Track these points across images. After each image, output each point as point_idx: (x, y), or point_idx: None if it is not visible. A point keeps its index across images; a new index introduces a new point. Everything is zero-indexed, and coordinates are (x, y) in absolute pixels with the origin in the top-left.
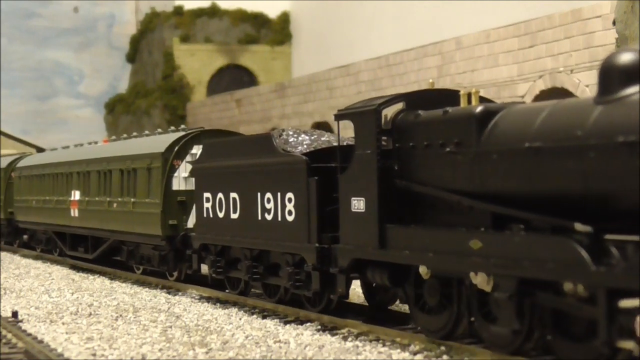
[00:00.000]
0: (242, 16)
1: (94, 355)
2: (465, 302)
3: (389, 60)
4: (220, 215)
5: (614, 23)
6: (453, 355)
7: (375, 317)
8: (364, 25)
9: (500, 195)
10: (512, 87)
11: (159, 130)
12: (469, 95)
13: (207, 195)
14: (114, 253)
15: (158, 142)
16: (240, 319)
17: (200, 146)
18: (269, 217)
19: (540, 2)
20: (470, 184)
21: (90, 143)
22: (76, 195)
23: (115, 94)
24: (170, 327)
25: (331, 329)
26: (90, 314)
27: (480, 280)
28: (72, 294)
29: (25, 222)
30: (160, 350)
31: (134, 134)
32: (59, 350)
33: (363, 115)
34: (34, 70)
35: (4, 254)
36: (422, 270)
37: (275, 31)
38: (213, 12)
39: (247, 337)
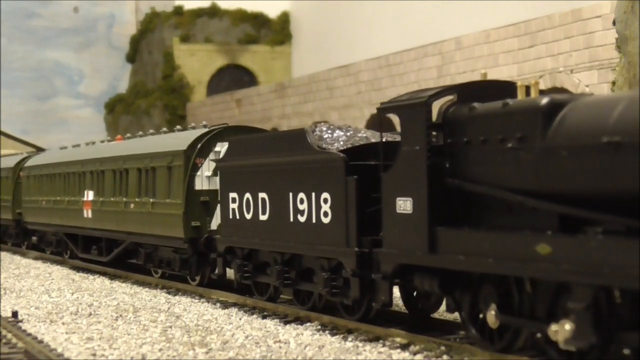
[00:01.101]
0: (242, 16)
1: (94, 355)
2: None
3: (389, 60)
4: (248, 216)
5: (614, 23)
6: (453, 355)
7: (419, 325)
8: (364, 25)
9: (569, 195)
10: None
11: (178, 127)
12: (527, 87)
13: (233, 195)
14: (129, 255)
15: (179, 139)
16: (240, 319)
17: (224, 143)
18: (302, 218)
19: (540, 2)
20: (534, 183)
21: (102, 141)
22: (89, 195)
23: (115, 94)
24: (170, 327)
25: (331, 329)
26: (90, 314)
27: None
28: (72, 294)
29: (35, 223)
30: (160, 350)
31: (151, 131)
32: (59, 350)
33: (411, 108)
34: (34, 70)
35: (4, 254)
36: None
37: (275, 31)
38: (213, 12)
39: (247, 337)
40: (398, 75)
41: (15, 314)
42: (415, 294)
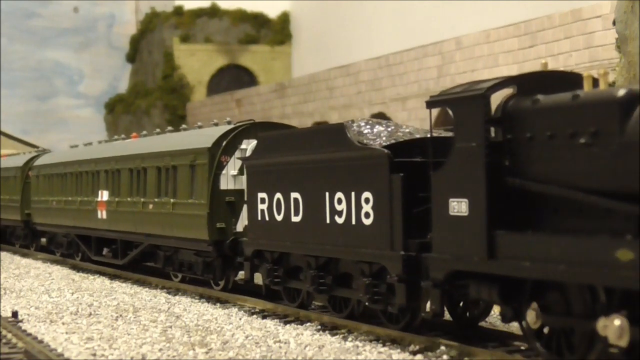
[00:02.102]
0: (242, 16)
1: (94, 355)
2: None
3: (389, 60)
4: (279, 218)
5: (614, 23)
6: (453, 355)
7: (468, 335)
8: (364, 25)
9: None
10: None
11: (199, 123)
12: (594, 78)
13: (262, 195)
14: (146, 258)
15: (203, 136)
16: (240, 319)
17: (250, 141)
18: (339, 220)
19: (540, 2)
20: (610, 182)
21: (118, 139)
22: (104, 195)
23: (115, 94)
24: (170, 327)
25: (331, 329)
26: (90, 314)
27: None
28: (72, 294)
29: (44, 224)
30: (160, 350)
31: (169, 128)
32: (59, 350)
33: (467, 101)
34: (34, 70)
35: (4, 254)
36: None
37: (275, 31)
38: (213, 12)
39: (247, 337)
40: (398, 75)
41: (15, 314)
42: (460, 301)
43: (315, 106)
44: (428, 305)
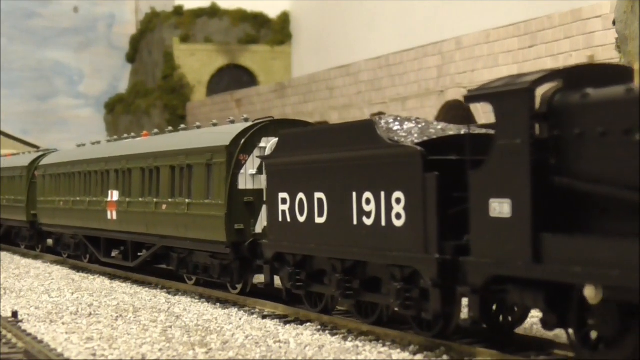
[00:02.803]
0: (242, 16)
1: (94, 355)
2: None
3: (389, 60)
4: (301, 219)
5: (614, 23)
6: (453, 355)
7: (504, 343)
8: (364, 25)
9: None
10: None
11: (214, 121)
12: None
13: (283, 195)
14: (158, 260)
15: (220, 134)
16: (240, 319)
17: (270, 139)
18: (368, 221)
19: (540, 2)
20: None
21: (128, 138)
22: (114, 195)
23: (115, 94)
24: (170, 327)
25: (331, 329)
26: (90, 314)
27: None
28: (72, 294)
29: (51, 225)
30: (160, 350)
31: (182, 125)
32: (59, 350)
33: (510, 95)
34: (34, 70)
35: (4, 254)
36: (589, 292)
37: (275, 31)
38: (213, 12)
39: (247, 337)
40: (398, 75)
41: (15, 314)
42: (494, 306)
43: (315, 106)
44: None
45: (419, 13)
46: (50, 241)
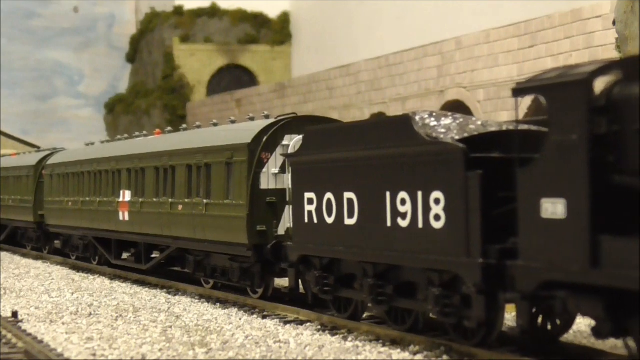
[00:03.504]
0: (242, 16)
1: (94, 355)
2: None
3: (389, 60)
4: (329, 220)
5: (614, 23)
6: (453, 355)
7: (548, 351)
8: (364, 25)
9: None
10: (512, 87)
11: (232, 118)
12: None
13: (309, 195)
14: (172, 263)
15: (240, 131)
16: (240, 319)
17: (293, 136)
18: (403, 223)
19: (540, 2)
20: None
21: (140, 136)
22: (126, 195)
23: (115, 94)
24: (170, 327)
25: (331, 329)
26: (90, 314)
27: None
28: (72, 294)
29: (58, 226)
30: (160, 350)
31: (197, 123)
32: (59, 350)
33: (566, 87)
34: (34, 70)
35: (4, 254)
36: None
37: (275, 31)
38: (213, 12)
39: (247, 337)
40: (398, 75)
41: (15, 314)
42: (540, 313)
43: (315, 106)
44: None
45: (419, 13)
46: (57, 243)
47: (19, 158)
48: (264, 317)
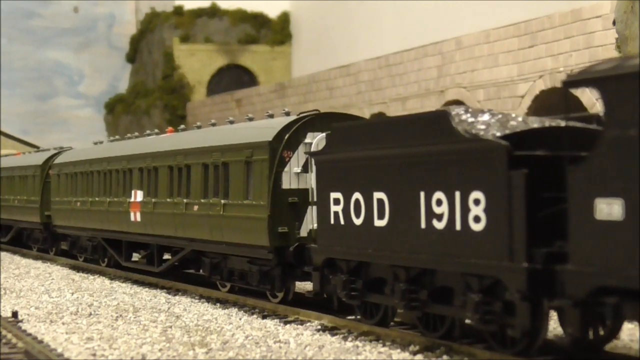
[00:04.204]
0: (242, 16)
1: (94, 355)
2: None
3: (389, 60)
4: (357, 221)
5: (614, 23)
6: (453, 355)
7: None
8: (364, 25)
9: None
10: (512, 87)
11: (250, 115)
12: None
13: (335, 195)
14: (186, 265)
15: (261, 129)
16: (240, 319)
17: (316, 134)
18: (439, 224)
19: (540, 2)
20: None
21: (151, 134)
22: (138, 195)
23: (115, 94)
24: (170, 327)
25: (331, 329)
26: (90, 314)
27: None
28: (72, 294)
29: (66, 227)
30: (160, 350)
31: (212, 121)
32: (59, 350)
33: (623, 80)
34: (34, 70)
35: (4, 254)
36: None
37: (275, 31)
38: (213, 12)
39: (247, 337)
40: (398, 75)
41: (15, 314)
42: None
43: (315, 106)
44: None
45: (419, 13)
46: (64, 243)
47: (24, 157)
48: (264, 317)
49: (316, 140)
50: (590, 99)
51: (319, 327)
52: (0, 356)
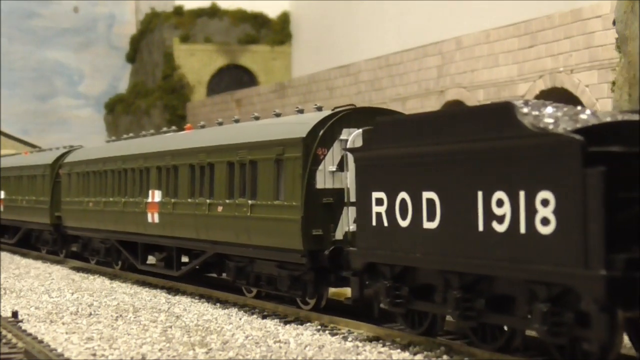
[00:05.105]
0: (242, 16)
1: (94, 355)
2: None
3: (389, 60)
4: (403, 223)
5: (614, 23)
6: (453, 356)
7: None
8: (364, 25)
9: None
10: (512, 87)
11: (277, 111)
12: None
13: (378, 195)
14: (207, 269)
15: (293, 124)
16: (240, 319)
17: (351, 130)
18: (500, 227)
19: (540, 2)
20: None
21: (169, 132)
22: (156, 196)
23: (115, 94)
24: (170, 327)
25: (331, 329)
26: (90, 314)
27: None
28: (72, 294)
29: (77, 228)
30: (160, 350)
31: (235, 117)
32: (59, 350)
33: None
34: (34, 70)
35: (4, 254)
36: None
37: (275, 31)
38: (213, 12)
39: (247, 337)
40: (398, 75)
41: (15, 314)
42: None
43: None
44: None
45: (419, 13)
46: (75, 245)
47: (32, 156)
48: (264, 317)
49: (352, 136)
50: (590, 99)
51: (319, 327)
52: (0, 356)
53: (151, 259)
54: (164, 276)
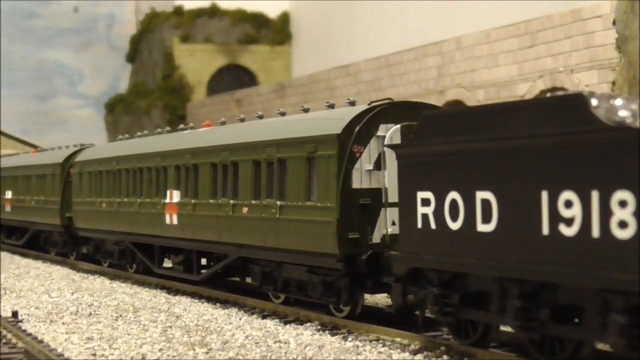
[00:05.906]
0: (242, 16)
1: (94, 355)
2: None
3: (389, 60)
4: (454, 226)
5: (614, 23)
6: (453, 355)
7: None
8: (364, 25)
9: None
10: (512, 87)
11: (304, 106)
12: None
13: (424, 195)
14: (230, 273)
15: (325, 120)
16: (240, 319)
17: (389, 125)
18: (568, 230)
19: (540, 2)
20: None
21: (186, 129)
22: (174, 196)
23: (115, 94)
24: (170, 327)
25: (331, 329)
26: (90, 314)
27: None
28: (72, 294)
29: (89, 230)
30: (160, 350)
31: (259, 113)
32: (59, 350)
33: None
34: (34, 70)
35: (4, 254)
36: None
37: (275, 31)
38: (213, 12)
39: (247, 337)
40: (398, 75)
41: (15, 314)
42: None
43: (315, 106)
44: None
45: (419, 13)
46: (86, 247)
47: (41, 155)
48: (264, 317)
49: (390, 132)
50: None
51: (319, 327)
52: (0, 356)
53: (166, 262)
54: (186, 281)
